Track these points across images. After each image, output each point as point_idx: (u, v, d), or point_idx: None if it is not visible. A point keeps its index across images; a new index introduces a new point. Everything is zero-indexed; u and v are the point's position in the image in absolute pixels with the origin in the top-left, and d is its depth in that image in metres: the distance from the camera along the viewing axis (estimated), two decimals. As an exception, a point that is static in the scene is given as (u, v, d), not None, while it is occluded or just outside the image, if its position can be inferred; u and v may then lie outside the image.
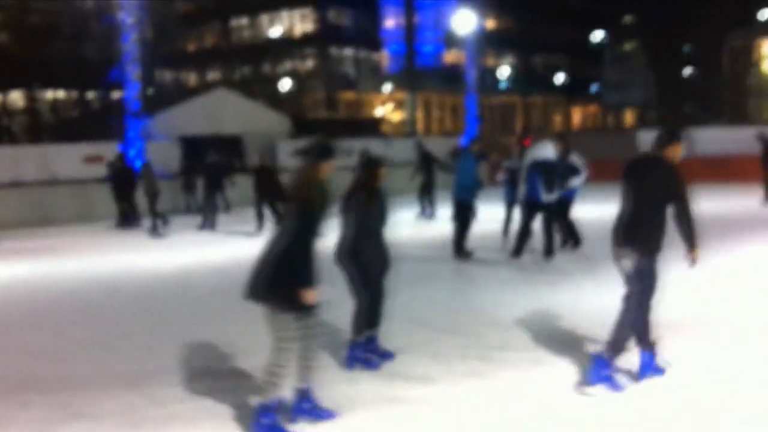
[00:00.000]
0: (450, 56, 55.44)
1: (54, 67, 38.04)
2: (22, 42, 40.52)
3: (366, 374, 6.51)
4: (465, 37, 32.78)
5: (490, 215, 14.68)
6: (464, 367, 6.63)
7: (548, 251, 11.73)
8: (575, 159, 11.98)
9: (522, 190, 11.69)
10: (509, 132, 55.87)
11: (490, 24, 55.80)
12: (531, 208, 11.61)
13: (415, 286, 10.24)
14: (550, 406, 5.67)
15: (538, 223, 11.81)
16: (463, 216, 12.09)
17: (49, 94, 44.77)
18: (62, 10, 39.71)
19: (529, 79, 61.95)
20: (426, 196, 18.71)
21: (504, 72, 59.94)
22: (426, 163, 18.71)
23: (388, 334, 7.75)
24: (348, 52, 54.74)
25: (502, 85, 60.22)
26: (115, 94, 38.94)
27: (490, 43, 50.49)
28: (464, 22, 32.34)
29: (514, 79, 60.78)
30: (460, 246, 12.18)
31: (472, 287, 10.27)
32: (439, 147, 32.88)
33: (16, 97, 44.02)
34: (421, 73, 52.41)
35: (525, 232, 11.79)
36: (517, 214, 12.58)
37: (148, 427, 5.50)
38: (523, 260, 11.75)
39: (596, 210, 13.46)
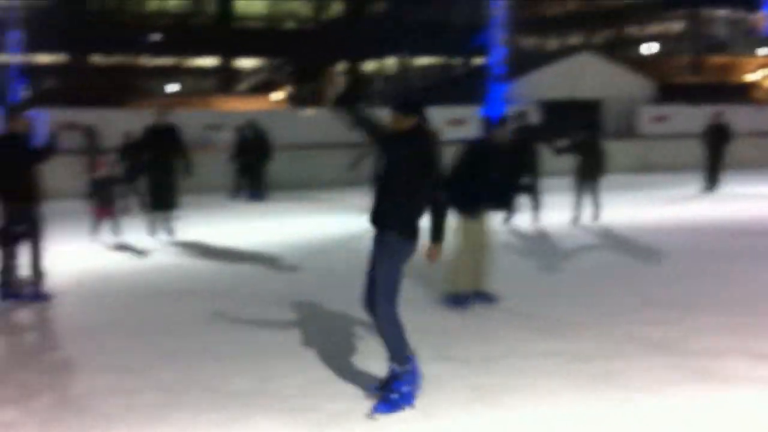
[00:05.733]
0: None
1: (422, 34, 40.23)
2: (395, 9, 43.37)
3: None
4: None
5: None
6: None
7: None
8: None
9: None
10: None
11: None
12: None
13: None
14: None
15: None
16: None
17: (422, 60, 47.43)
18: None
19: None
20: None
21: None
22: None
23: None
24: (721, 12, 50.73)
25: None
26: (476, 60, 40.24)
27: None
28: None
29: None
30: None
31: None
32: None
33: (391, 63, 47.43)
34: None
35: None
36: None
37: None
38: None
39: None
